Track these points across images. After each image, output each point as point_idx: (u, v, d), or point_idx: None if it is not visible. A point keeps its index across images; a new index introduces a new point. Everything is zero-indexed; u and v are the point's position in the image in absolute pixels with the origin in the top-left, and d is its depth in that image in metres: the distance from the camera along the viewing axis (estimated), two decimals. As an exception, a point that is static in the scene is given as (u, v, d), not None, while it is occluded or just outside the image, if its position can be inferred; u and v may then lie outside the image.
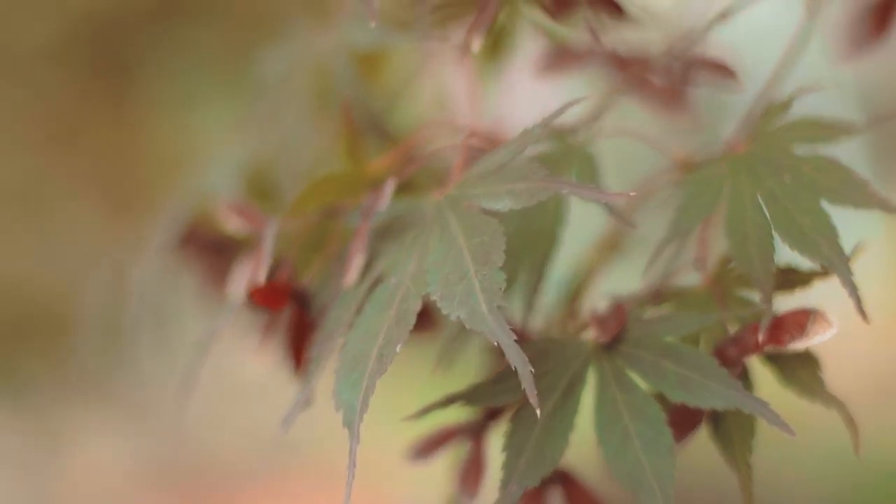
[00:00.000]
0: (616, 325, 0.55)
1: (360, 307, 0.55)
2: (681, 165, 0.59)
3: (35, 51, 2.03)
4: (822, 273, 0.56)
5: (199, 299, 0.72)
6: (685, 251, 0.58)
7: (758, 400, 0.53)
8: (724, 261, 0.58)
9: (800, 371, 0.56)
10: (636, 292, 0.58)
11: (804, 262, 0.55)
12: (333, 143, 0.65)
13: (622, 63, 0.66)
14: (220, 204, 0.62)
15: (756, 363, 0.57)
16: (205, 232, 0.71)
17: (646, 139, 0.59)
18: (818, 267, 0.55)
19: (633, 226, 0.57)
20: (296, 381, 0.59)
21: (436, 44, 0.62)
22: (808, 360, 0.56)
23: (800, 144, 0.56)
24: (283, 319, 0.59)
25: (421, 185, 0.61)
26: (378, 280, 0.55)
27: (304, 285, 0.59)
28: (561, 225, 0.58)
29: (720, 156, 0.58)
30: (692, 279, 0.59)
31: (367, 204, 0.57)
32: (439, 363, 0.59)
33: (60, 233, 2.09)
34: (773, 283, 0.54)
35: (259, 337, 0.61)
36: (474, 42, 0.56)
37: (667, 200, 0.59)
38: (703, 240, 0.58)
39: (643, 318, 0.56)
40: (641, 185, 0.60)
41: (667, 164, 0.59)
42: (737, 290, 0.57)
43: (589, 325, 0.56)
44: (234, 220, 0.61)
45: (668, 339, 0.55)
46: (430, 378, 0.59)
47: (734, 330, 0.56)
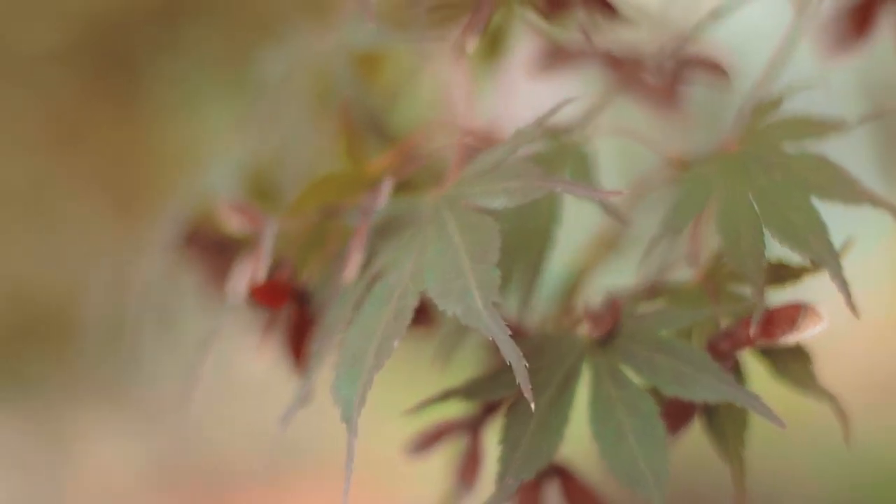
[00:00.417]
0: (610, 321, 0.56)
1: (359, 304, 0.55)
2: (674, 164, 0.60)
3: (39, 53, 2.03)
4: (812, 268, 0.57)
5: (202, 299, 0.73)
6: (678, 248, 0.59)
7: (749, 393, 0.54)
8: (716, 257, 0.59)
9: (791, 365, 0.57)
10: (630, 288, 0.59)
11: (795, 258, 0.56)
12: (333, 143, 0.65)
13: (616, 63, 0.66)
14: (221, 204, 0.63)
15: (752, 360, 0.58)
16: (207, 232, 0.71)
17: (640, 138, 0.60)
18: (808, 262, 0.56)
19: (627, 223, 0.58)
20: (296, 378, 0.60)
21: (433, 44, 0.63)
22: (800, 354, 0.57)
23: (790, 142, 0.57)
24: (283, 317, 0.60)
25: (419, 184, 0.62)
26: (377, 278, 0.56)
27: (304, 283, 0.60)
28: (556, 223, 0.59)
29: (713, 154, 0.58)
30: (685, 275, 0.59)
31: (365, 203, 0.58)
32: (438, 359, 0.60)
33: (65, 234, 2.09)
34: (764, 278, 0.55)
35: (260, 335, 0.62)
36: (469, 43, 0.57)
37: (661, 198, 0.59)
38: (696, 236, 0.58)
39: (637, 313, 0.57)
40: (635, 183, 0.61)
41: (661, 162, 0.60)
42: (729, 286, 0.58)
43: (583, 321, 0.57)
44: (234, 220, 0.62)
45: (661, 333, 0.56)
46: (435, 376, 0.60)
47: (726, 325, 0.57)
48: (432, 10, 0.62)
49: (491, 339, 0.51)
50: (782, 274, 0.58)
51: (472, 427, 0.60)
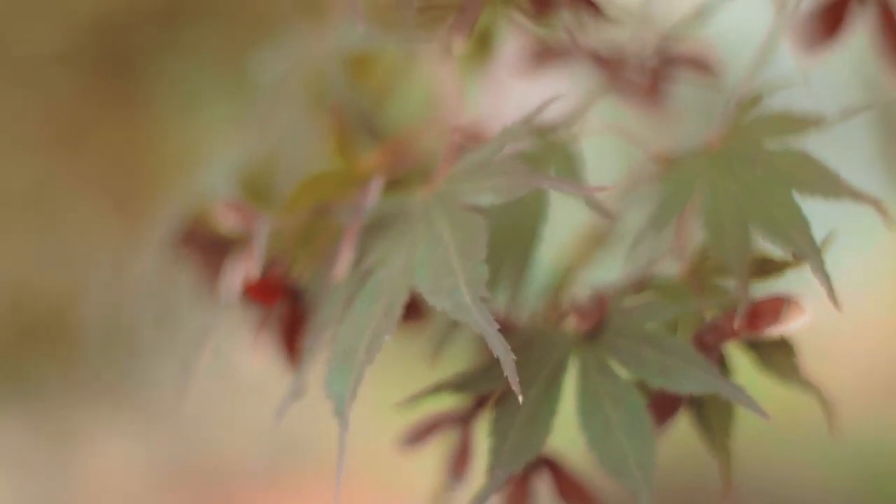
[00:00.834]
0: (597, 316, 0.57)
1: (351, 301, 0.56)
2: (660, 160, 0.60)
3: (41, 54, 2.04)
4: (794, 263, 0.58)
5: (199, 298, 0.73)
6: (664, 243, 0.59)
7: (733, 384, 0.55)
8: (701, 252, 0.60)
9: (776, 357, 0.58)
10: (616, 283, 0.60)
11: (778, 252, 0.57)
12: (326, 142, 0.66)
13: (603, 61, 0.67)
14: (217, 203, 0.64)
15: (739, 353, 0.59)
16: (203, 231, 0.72)
17: (627, 136, 0.61)
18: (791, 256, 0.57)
19: (613, 218, 0.59)
20: (289, 373, 0.61)
21: (422, 45, 0.64)
22: (784, 347, 0.58)
23: (772, 138, 0.57)
24: (277, 314, 0.61)
25: (409, 182, 0.63)
26: (368, 274, 0.57)
27: (297, 280, 0.61)
28: (542, 220, 0.60)
29: (697, 151, 0.59)
30: (671, 270, 0.60)
31: (356, 201, 0.59)
32: (430, 354, 0.61)
33: (67, 235, 2.10)
34: (748, 271, 0.56)
35: (254, 332, 0.63)
36: (456, 43, 0.58)
37: (647, 195, 0.60)
38: (682, 232, 0.59)
39: (623, 307, 0.58)
40: (622, 179, 0.62)
41: (647, 159, 0.61)
42: (714, 280, 0.59)
43: (571, 316, 0.58)
44: (230, 218, 0.63)
45: (647, 327, 0.57)
46: (435, 372, 0.60)
47: (712, 318, 0.58)
48: (421, 12, 0.63)
49: (480, 333, 0.52)
50: (766, 268, 0.59)
51: (464, 420, 0.61)
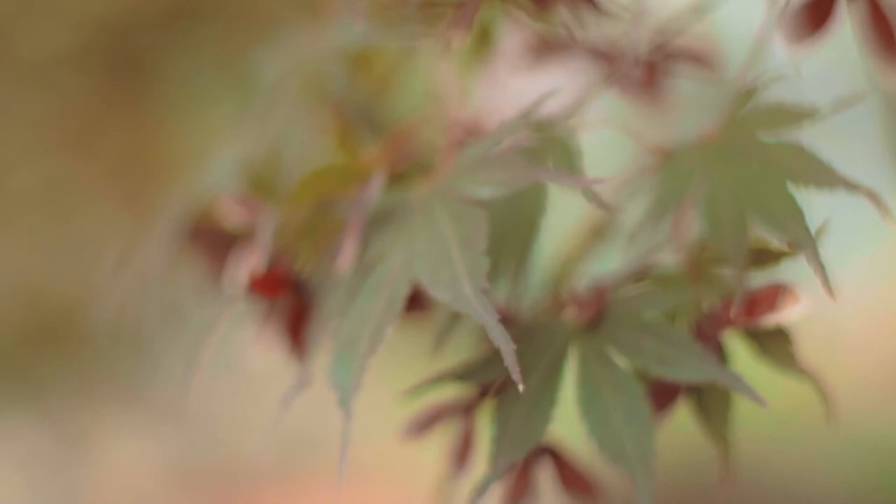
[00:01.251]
0: (596, 306, 0.58)
1: (354, 293, 0.57)
2: (658, 154, 0.61)
3: (52, 56, 2.05)
4: (790, 252, 0.59)
5: (206, 293, 0.74)
6: (663, 234, 0.60)
7: (730, 373, 0.56)
8: (699, 243, 0.60)
9: (773, 345, 0.58)
10: (615, 273, 0.61)
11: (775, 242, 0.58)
12: (328, 137, 0.67)
13: (601, 56, 0.68)
14: (223, 197, 0.65)
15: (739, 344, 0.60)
16: (209, 227, 0.73)
17: (625, 130, 0.62)
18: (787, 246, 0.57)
19: (612, 210, 0.60)
20: (294, 366, 0.62)
21: (422, 41, 0.65)
22: (781, 335, 0.59)
23: (766, 131, 0.58)
24: (281, 307, 0.62)
25: (410, 176, 0.64)
26: (370, 267, 0.58)
27: (302, 274, 0.62)
28: (541, 212, 0.60)
29: (695, 144, 0.60)
30: (670, 261, 0.61)
31: (358, 195, 0.60)
32: (433, 345, 0.62)
33: (80, 236, 2.10)
34: (745, 260, 0.56)
35: (259, 325, 0.64)
36: (455, 39, 0.59)
37: (646, 187, 0.61)
38: (680, 223, 0.60)
39: (622, 297, 0.59)
40: (621, 172, 0.63)
41: (645, 152, 0.62)
42: (712, 270, 0.60)
43: (570, 306, 0.59)
44: (236, 212, 0.64)
45: (645, 316, 0.58)
46: (439, 363, 0.61)
47: (709, 307, 0.59)
48: (421, 8, 0.64)
49: (481, 324, 0.53)
50: (763, 257, 0.59)
51: (467, 409, 0.61)
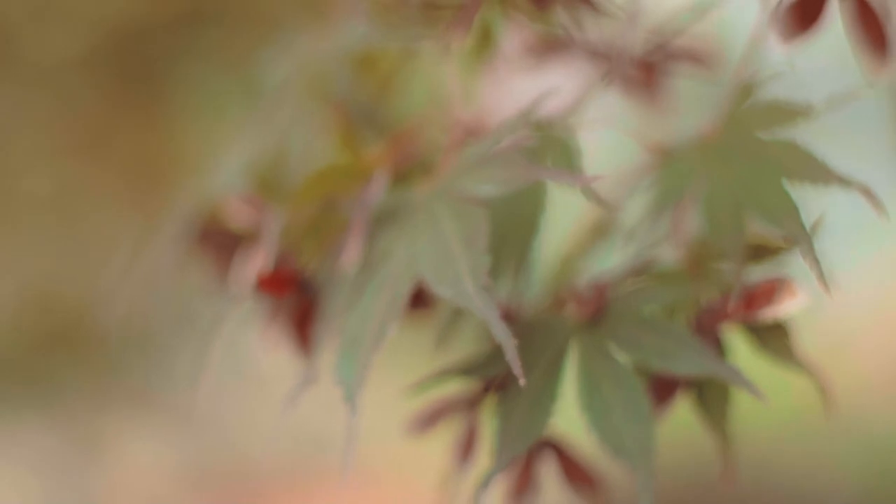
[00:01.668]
0: (596, 302, 0.59)
1: (358, 291, 0.58)
2: (657, 152, 0.62)
3: (63, 61, 2.06)
4: (786, 247, 0.60)
5: (214, 294, 0.75)
6: (662, 231, 0.61)
7: (729, 366, 0.56)
8: (698, 239, 0.61)
9: (771, 339, 0.59)
10: (615, 270, 0.62)
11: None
12: (332, 138, 0.68)
13: (601, 56, 0.69)
14: (229, 198, 0.66)
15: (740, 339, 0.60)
16: (216, 227, 0.73)
17: (624, 129, 0.63)
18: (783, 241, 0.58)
19: (612, 208, 0.61)
20: (301, 363, 0.62)
21: (424, 42, 0.66)
22: (779, 329, 0.59)
23: (763, 128, 0.59)
24: (288, 306, 0.63)
25: (413, 175, 0.65)
26: (374, 265, 0.59)
27: (307, 272, 0.63)
28: (542, 210, 0.61)
29: (693, 142, 0.61)
30: (669, 258, 0.62)
31: (362, 195, 0.61)
32: (437, 342, 0.63)
33: (91, 240, 2.11)
34: (743, 257, 0.57)
35: (266, 324, 0.64)
36: (457, 40, 0.60)
37: (646, 185, 0.62)
38: (679, 220, 0.61)
39: (622, 293, 0.60)
40: (621, 170, 0.64)
41: (644, 150, 0.63)
42: (710, 266, 0.61)
43: (571, 303, 0.60)
44: (243, 212, 0.65)
45: (645, 311, 0.59)
46: (444, 359, 0.62)
47: (708, 302, 0.59)
48: (422, 9, 0.65)
49: (483, 320, 0.54)
50: (761, 252, 0.60)
51: (470, 405, 0.62)
